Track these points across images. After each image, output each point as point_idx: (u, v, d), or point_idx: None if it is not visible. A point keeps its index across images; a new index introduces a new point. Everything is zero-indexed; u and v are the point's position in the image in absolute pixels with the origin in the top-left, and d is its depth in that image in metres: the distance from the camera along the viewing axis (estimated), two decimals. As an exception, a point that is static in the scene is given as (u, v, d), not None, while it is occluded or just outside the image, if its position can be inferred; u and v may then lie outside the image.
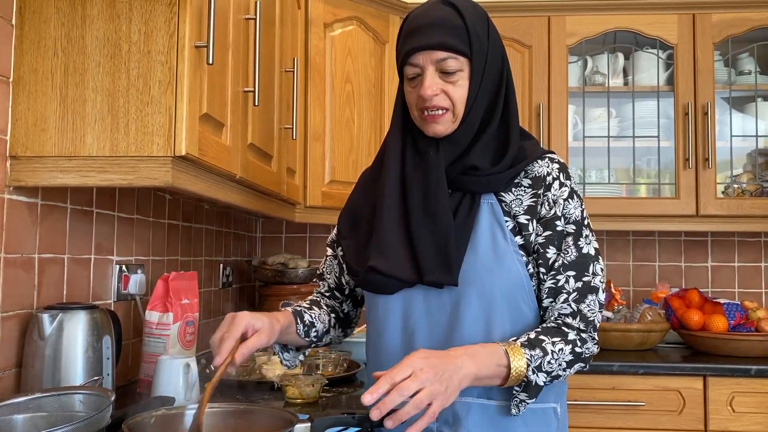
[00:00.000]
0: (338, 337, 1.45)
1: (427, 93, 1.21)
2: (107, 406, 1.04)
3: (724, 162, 2.69)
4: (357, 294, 1.45)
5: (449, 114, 1.23)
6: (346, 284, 1.43)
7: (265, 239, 3.06)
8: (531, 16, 2.68)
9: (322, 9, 2.48)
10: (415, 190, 1.25)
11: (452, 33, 1.20)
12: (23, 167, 1.32)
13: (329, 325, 1.40)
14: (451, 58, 1.21)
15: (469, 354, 1.11)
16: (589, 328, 1.22)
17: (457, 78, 1.22)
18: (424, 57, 1.21)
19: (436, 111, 1.22)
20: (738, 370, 2.22)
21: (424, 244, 1.22)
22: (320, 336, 1.38)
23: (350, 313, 1.47)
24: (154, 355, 1.64)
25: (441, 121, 1.23)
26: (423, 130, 1.26)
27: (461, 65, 1.22)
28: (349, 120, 2.54)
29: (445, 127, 1.24)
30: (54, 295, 1.49)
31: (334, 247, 1.45)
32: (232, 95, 1.54)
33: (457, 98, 1.22)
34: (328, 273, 1.46)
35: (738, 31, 2.62)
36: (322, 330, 1.37)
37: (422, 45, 1.20)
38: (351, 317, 1.47)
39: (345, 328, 1.46)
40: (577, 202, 1.26)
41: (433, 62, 1.21)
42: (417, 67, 1.23)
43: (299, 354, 1.38)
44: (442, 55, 1.20)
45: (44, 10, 1.31)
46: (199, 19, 1.32)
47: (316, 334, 1.36)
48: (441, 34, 1.20)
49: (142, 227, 1.91)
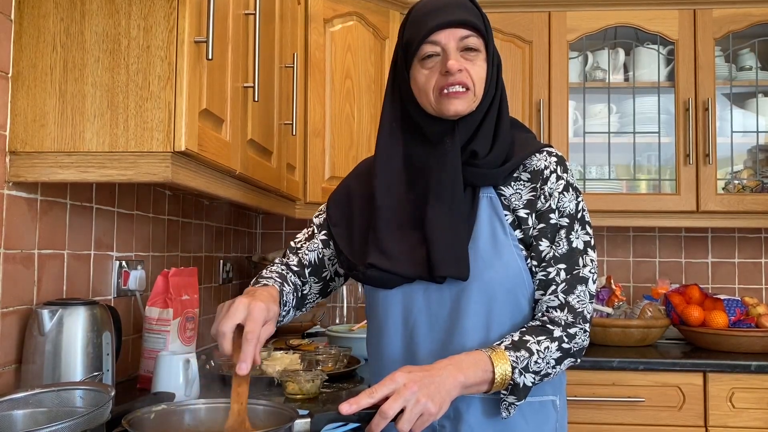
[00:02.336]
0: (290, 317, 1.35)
1: (454, 66, 1.20)
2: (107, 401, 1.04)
3: (725, 158, 2.69)
4: (331, 285, 1.41)
5: (470, 93, 1.23)
6: (327, 268, 1.38)
7: (265, 235, 3.05)
8: (531, 11, 2.67)
9: (322, 4, 2.47)
10: (428, 179, 1.24)
11: (472, 13, 1.23)
12: (22, 163, 1.32)
13: (291, 305, 1.33)
14: (473, 35, 1.22)
15: (454, 364, 1.11)
16: (578, 320, 1.21)
17: (477, 57, 1.23)
18: (447, 34, 1.21)
19: (459, 88, 1.21)
20: (738, 366, 2.22)
21: (439, 238, 1.20)
22: (284, 317, 1.30)
23: (308, 296, 1.39)
24: (154, 351, 1.64)
25: (464, 98, 1.22)
26: (442, 111, 1.23)
27: (480, 45, 1.24)
28: (348, 116, 2.53)
29: (467, 105, 1.23)
30: (54, 290, 1.49)
31: (320, 229, 1.39)
32: (232, 91, 1.54)
33: (476, 78, 1.23)
34: (310, 249, 1.38)
35: (739, 26, 2.61)
36: (286, 311, 1.30)
37: (446, 21, 1.21)
38: (306, 300, 1.39)
39: (297, 309, 1.38)
40: (573, 195, 1.26)
41: (456, 39, 1.22)
42: (437, 45, 1.22)
43: None
44: (465, 33, 1.22)
45: (43, 5, 1.31)
46: (198, 14, 1.32)
47: (283, 315, 1.29)
48: (464, 13, 1.22)
49: (141, 223, 1.91)
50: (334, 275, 1.41)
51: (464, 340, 1.22)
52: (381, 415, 1.01)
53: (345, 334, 2.29)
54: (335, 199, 1.39)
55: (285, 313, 1.29)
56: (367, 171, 1.36)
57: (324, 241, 1.39)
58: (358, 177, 1.39)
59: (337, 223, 1.34)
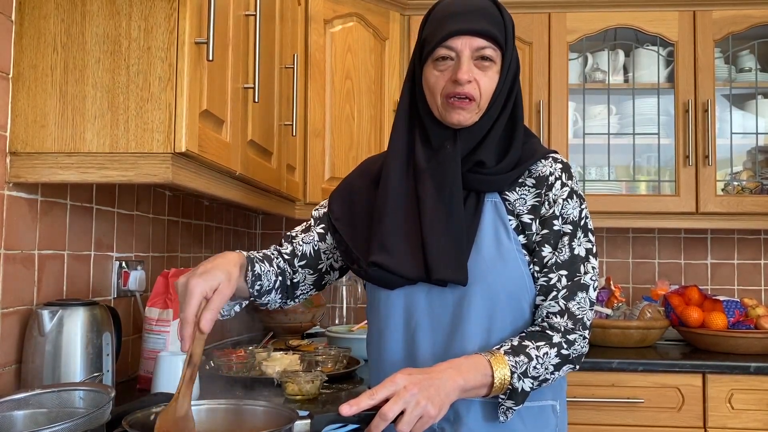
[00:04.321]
0: (275, 302, 1.34)
1: (464, 77, 1.20)
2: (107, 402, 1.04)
3: (724, 159, 2.69)
4: (326, 277, 1.39)
5: (474, 104, 1.23)
6: (323, 261, 1.37)
7: (265, 236, 3.06)
8: (531, 12, 2.68)
9: (322, 5, 2.47)
10: (428, 183, 1.24)
11: (494, 23, 1.22)
12: (23, 163, 1.32)
13: (272, 286, 1.30)
14: (489, 47, 1.21)
15: (454, 367, 1.11)
16: (578, 326, 1.21)
17: (490, 68, 1.22)
18: (464, 41, 1.21)
19: (464, 98, 1.21)
20: (737, 367, 2.22)
21: (435, 239, 1.20)
22: (261, 293, 1.28)
23: (301, 285, 1.37)
24: (154, 351, 1.64)
25: (468, 109, 1.22)
26: (445, 118, 1.24)
27: (496, 57, 1.23)
28: (349, 116, 2.54)
29: (470, 116, 1.23)
30: (54, 291, 1.49)
31: (317, 222, 1.38)
32: (232, 92, 1.54)
33: (484, 89, 1.22)
34: (305, 241, 1.37)
35: (738, 28, 2.62)
36: (265, 287, 1.28)
37: (466, 29, 1.20)
38: (296, 290, 1.37)
39: (285, 297, 1.36)
40: (577, 203, 1.26)
41: (471, 48, 1.21)
42: (452, 50, 1.22)
43: (235, 304, 1.28)
44: (482, 43, 1.21)
45: (44, 6, 1.31)
46: (199, 15, 1.32)
47: (259, 288, 1.26)
48: (484, 22, 1.21)
49: (141, 223, 1.91)
50: (329, 268, 1.39)
51: (465, 344, 1.22)
52: (381, 417, 1.01)
53: (345, 335, 2.29)
54: (338, 194, 1.38)
55: (260, 287, 1.26)
56: (371, 169, 1.36)
57: (321, 234, 1.37)
58: (362, 174, 1.39)
59: (340, 217, 1.34)
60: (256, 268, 1.25)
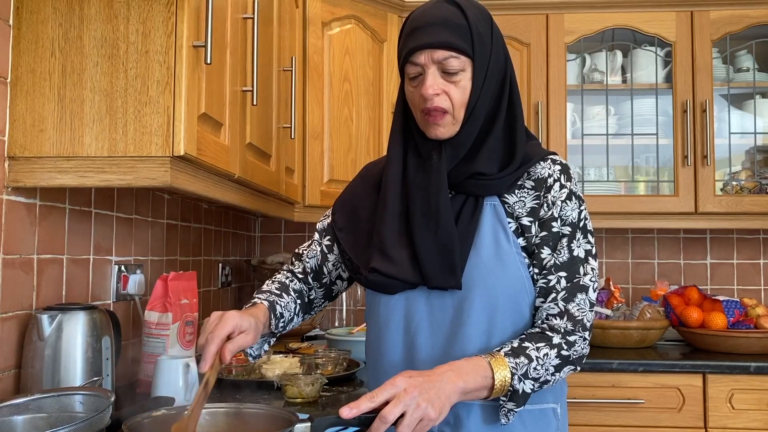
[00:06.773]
0: (298, 323, 1.41)
1: (428, 92, 1.19)
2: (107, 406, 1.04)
3: (723, 159, 2.69)
4: (333, 289, 1.43)
5: (449, 116, 1.21)
6: (327, 274, 1.41)
7: (264, 238, 3.06)
8: (529, 13, 2.68)
9: (320, 8, 2.47)
10: (416, 194, 1.24)
11: (455, 32, 1.18)
12: (21, 168, 1.32)
13: (294, 313, 1.37)
14: (452, 57, 1.19)
15: (454, 369, 1.11)
16: (578, 328, 1.20)
17: (459, 78, 1.20)
18: (426, 56, 1.19)
19: (437, 112, 1.20)
20: (737, 367, 2.23)
21: (426, 248, 1.21)
22: (285, 325, 1.34)
23: (315, 300, 1.43)
24: (154, 355, 1.64)
25: (442, 123, 1.22)
26: (425, 132, 1.25)
27: (463, 65, 1.20)
28: (347, 119, 2.54)
29: (446, 129, 1.23)
30: (53, 295, 1.49)
31: (323, 235, 1.42)
32: (231, 95, 1.54)
33: (457, 100, 1.20)
34: (309, 257, 1.42)
35: (736, 28, 2.62)
36: (288, 319, 1.34)
37: (424, 44, 1.19)
38: (314, 304, 1.44)
39: (305, 313, 1.43)
40: (575, 204, 1.25)
41: (434, 61, 1.19)
42: (418, 66, 1.21)
43: (264, 343, 1.34)
44: (443, 54, 1.18)
45: (41, 10, 1.31)
46: (197, 18, 1.32)
47: (284, 324, 1.33)
48: (443, 33, 1.18)
49: (140, 227, 1.91)
50: (335, 279, 1.42)
51: (466, 347, 1.21)
52: (381, 420, 1.01)
53: (344, 337, 2.29)
54: (340, 203, 1.40)
55: (284, 323, 1.33)
56: (372, 173, 1.37)
57: (328, 246, 1.40)
58: (363, 180, 1.39)
59: (343, 227, 1.35)
60: (277, 311, 1.30)
